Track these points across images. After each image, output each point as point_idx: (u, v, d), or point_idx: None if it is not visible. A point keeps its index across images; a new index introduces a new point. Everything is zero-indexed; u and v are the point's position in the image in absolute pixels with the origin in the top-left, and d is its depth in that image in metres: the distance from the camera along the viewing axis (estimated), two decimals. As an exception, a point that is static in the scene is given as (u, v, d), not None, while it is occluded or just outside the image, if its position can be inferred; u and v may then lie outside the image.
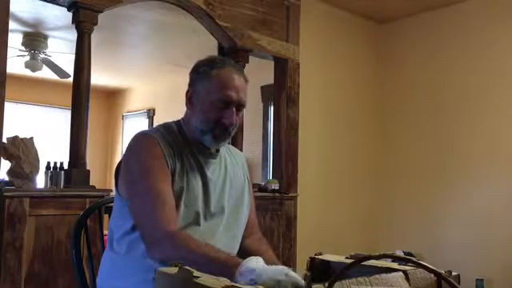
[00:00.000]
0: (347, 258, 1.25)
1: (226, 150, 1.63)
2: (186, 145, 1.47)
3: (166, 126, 1.50)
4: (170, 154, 1.40)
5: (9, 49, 2.52)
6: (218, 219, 1.46)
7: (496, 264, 3.77)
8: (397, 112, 4.57)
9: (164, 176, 1.36)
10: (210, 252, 1.21)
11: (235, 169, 1.59)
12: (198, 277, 0.80)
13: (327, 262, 1.25)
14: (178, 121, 1.53)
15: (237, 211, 1.53)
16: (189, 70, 1.51)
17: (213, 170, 1.50)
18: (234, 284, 0.78)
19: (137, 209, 1.35)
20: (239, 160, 1.64)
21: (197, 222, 1.39)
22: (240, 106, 1.45)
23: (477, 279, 3.77)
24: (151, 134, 1.43)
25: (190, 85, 1.50)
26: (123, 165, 1.43)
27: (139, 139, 1.43)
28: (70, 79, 2.87)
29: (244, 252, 1.48)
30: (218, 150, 1.54)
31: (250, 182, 1.65)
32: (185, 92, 1.50)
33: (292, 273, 0.99)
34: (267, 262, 1.11)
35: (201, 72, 1.47)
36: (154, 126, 1.54)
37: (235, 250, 1.49)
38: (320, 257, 1.27)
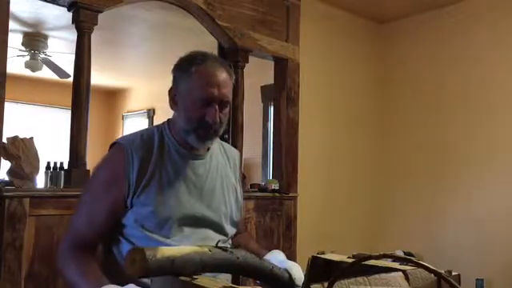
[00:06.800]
0: (349, 257, 1.25)
1: (220, 148, 1.57)
2: (165, 150, 1.42)
3: (145, 133, 1.45)
4: (141, 164, 1.36)
5: (9, 49, 2.51)
6: (208, 223, 1.42)
7: (496, 264, 3.77)
8: (397, 112, 4.57)
9: (105, 198, 1.36)
10: (84, 272, 1.27)
11: (227, 169, 1.55)
12: (196, 278, 0.80)
13: (329, 262, 1.24)
14: (164, 123, 1.49)
15: (227, 213, 1.48)
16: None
17: (200, 173, 1.44)
18: (232, 285, 0.78)
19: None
20: (232, 159, 1.59)
21: (181, 229, 1.37)
22: (223, 102, 1.39)
23: (477, 279, 3.76)
24: (125, 144, 1.39)
25: (173, 83, 1.47)
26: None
27: (111, 150, 1.43)
28: (70, 79, 2.86)
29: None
30: (208, 149, 1.49)
31: (240, 179, 1.61)
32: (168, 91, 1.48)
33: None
34: (257, 255, 1.18)
35: (181, 69, 1.42)
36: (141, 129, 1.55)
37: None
38: (322, 256, 1.26)
